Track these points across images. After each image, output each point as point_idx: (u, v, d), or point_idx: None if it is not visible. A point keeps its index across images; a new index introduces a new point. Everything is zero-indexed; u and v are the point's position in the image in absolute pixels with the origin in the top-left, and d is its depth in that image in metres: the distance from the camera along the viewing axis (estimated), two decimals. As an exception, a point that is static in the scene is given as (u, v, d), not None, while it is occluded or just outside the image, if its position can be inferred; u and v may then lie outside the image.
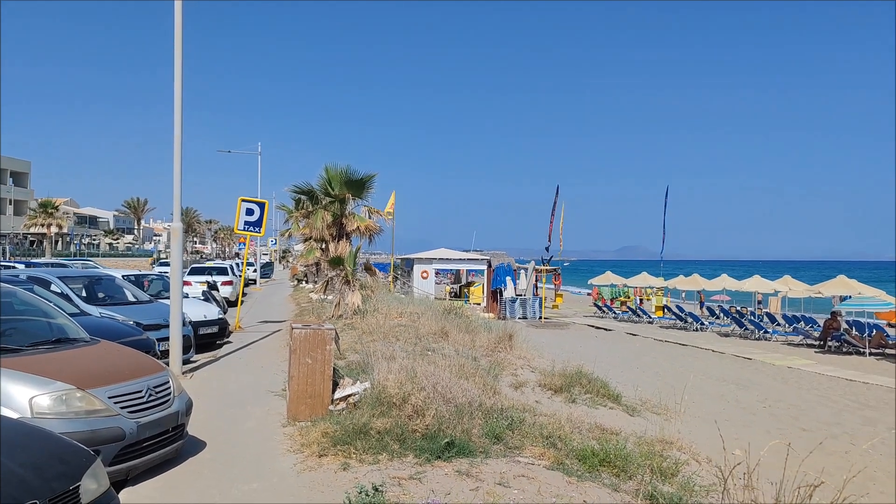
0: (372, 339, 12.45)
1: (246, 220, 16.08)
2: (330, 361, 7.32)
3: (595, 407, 9.87)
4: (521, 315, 31.51)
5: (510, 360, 13.00)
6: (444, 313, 16.62)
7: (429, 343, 12.99)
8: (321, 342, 7.27)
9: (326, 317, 16.60)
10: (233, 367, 10.89)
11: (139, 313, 10.65)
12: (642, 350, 21.49)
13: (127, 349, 6.11)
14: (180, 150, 9.97)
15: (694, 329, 28.28)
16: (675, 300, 40.64)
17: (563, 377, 10.66)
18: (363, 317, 15.27)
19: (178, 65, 9.95)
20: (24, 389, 4.79)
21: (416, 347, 12.28)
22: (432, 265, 38.84)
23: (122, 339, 7.91)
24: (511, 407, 7.76)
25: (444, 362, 9.98)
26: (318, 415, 7.13)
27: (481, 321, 17.44)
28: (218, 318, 13.33)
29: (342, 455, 5.84)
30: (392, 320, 15.07)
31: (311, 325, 7.56)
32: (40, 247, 64.45)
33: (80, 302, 10.23)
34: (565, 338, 23.68)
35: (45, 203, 58.66)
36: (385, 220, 21.98)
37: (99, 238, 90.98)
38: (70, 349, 5.63)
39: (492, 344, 13.88)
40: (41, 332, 5.97)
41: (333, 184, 20.85)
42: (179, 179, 9.97)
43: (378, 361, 8.20)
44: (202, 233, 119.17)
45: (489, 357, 12.82)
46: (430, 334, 13.59)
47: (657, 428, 9.54)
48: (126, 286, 11.96)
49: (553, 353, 15.56)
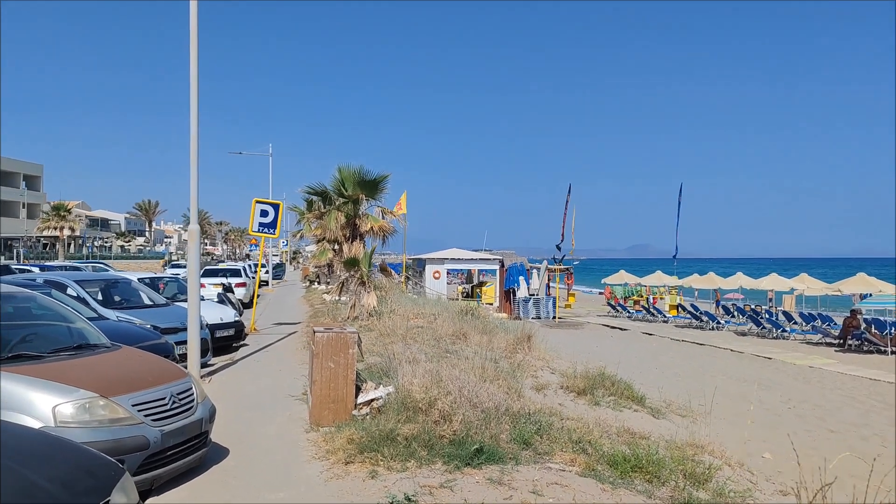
0: (390, 341, 12.31)
1: (260, 221, 15.98)
2: (353, 365, 7.18)
3: (619, 409, 9.69)
4: (535, 315, 31.30)
5: (530, 361, 12.82)
6: (460, 314, 16.47)
7: (447, 345, 12.85)
8: (344, 346, 7.13)
9: (342, 318, 16.48)
10: (251, 371, 10.78)
11: (156, 316, 10.55)
12: (659, 350, 21.26)
13: (148, 355, 5.99)
14: (197, 153, 9.86)
15: (710, 328, 28.01)
16: (688, 299, 40.34)
17: (585, 379, 10.48)
18: (379, 318, 15.13)
19: (193, 66, 9.85)
20: (46, 398, 4.67)
21: (434, 349, 12.15)
22: (444, 265, 38.69)
23: (140, 344, 7.80)
24: (538, 411, 7.59)
25: (466, 365, 9.84)
26: (341, 420, 6.99)
27: (497, 322, 17.29)
28: (234, 321, 13.23)
29: (369, 462, 5.69)
30: (409, 321, 14.93)
31: (334, 329, 7.42)
32: (53, 249, 64.77)
33: (97, 306, 10.15)
34: (581, 338, 23.48)
35: (57, 206, 58.91)
36: (399, 221, 21.80)
37: (111, 240, 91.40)
38: (92, 355, 5.51)
39: (510, 345, 13.72)
40: (62, 338, 5.86)
41: (347, 184, 20.72)
42: (196, 182, 9.87)
43: (401, 365, 8.05)
44: (213, 234, 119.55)
45: (509, 359, 12.67)
46: (448, 336, 13.44)
47: (684, 431, 9.35)
48: (142, 289, 11.88)
49: (571, 354, 15.38)
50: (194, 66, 9.86)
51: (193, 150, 9.79)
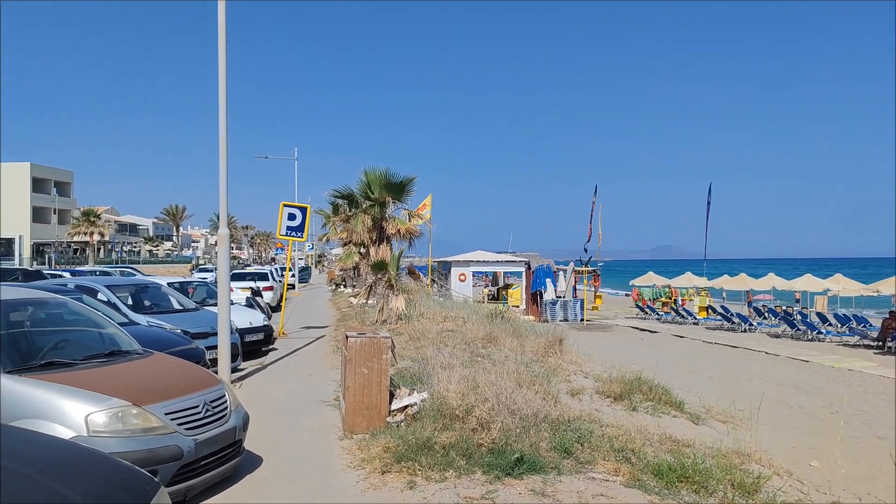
0: (421, 345, 12.15)
1: (288, 224, 15.92)
2: (387, 371, 7.01)
3: (657, 415, 9.42)
4: (563, 317, 30.97)
5: (562, 365, 12.59)
6: (489, 318, 16.26)
7: (478, 348, 12.66)
8: (377, 351, 6.97)
9: (370, 322, 16.37)
10: (281, 376, 10.67)
11: (186, 321, 10.50)
12: (692, 353, 20.85)
13: (181, 361, 5.88)
14: (226, 157, 9.78)
15: (742, 330, 27.46)
16: (716, 300, 39.69)
17: (621, 384, 10.22)
18: (408, 322, 14.98)
19: (222, 69, 9.78)
20: (79, 406, 4.56)
21: (465, 353, 11.96)
22: (470, 268, 38.49)
23: (171, 349, 7.72)
24: (577, 418, 7.36)
25: (498, 369, 9.64)
26: (375, 427, 6.83)
27: (526, 325, 17.05)
28: (263, 325, 13.16)
29: (407, 472, 5.52)
30: (438, 325, 14.76)
31: (367, 334, 7.26)
32: (84, 255, 65.69)
33: (127, 311, 10.11)
34: (611, 341, 23.12)
35: (87, 212, 59.73)
36: (426, 223, 21.65)
37: (139, 245, 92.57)
38: (124, 362, 5.40)
39: (542, 349, 13.48)
40: (94, 345, 5.77)
41: (373, 187, 20.59)
42: (225, 186, 9.79)
43: (434, 370, 7.88)
44: (239, 238, 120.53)
45: (541, 363, 12.44)
46: (479, 339, 13.25)
47: (727, 438, 9.06)
48: (171, 294, 11.85)
49: (602, 358, 15.11)
50: (223, 68, 9.79)
51: (222, 154, 9.71)
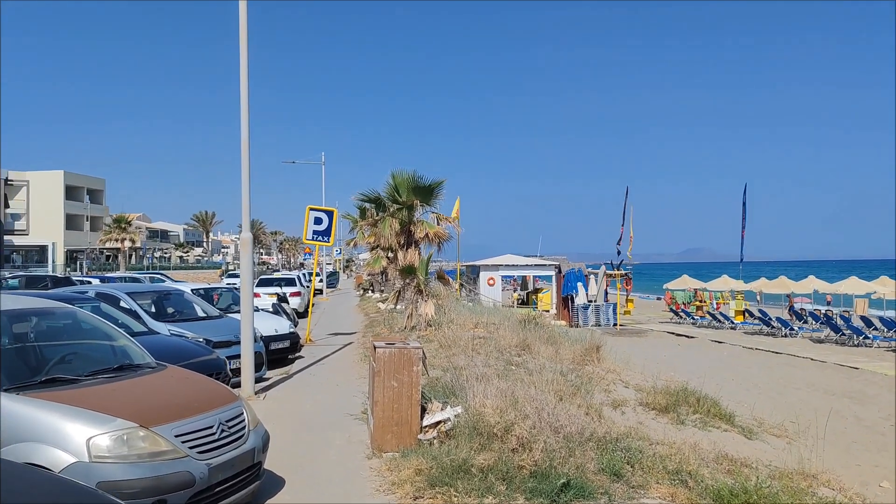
0: (452, 353, 11.64)
1: (314, 229, 15.54)
2: (418, 384, 6.51)
3: (707, 429, 8.79)
4: (595, 322, 30.23)
5: (599, 373, 11.98)
6: (521, 324, 15.69)
7: (511, 356, 12.12)
8: (407, 363, 6.47)
9: (399, 328, 15.91)
10: (307, 386, 10.24)
11: (209, 329, 10.12)
12: (733, 359, 20.04)
13: (196, 376, 5.43)
14: (248, 160, 9.40)
15: (782, 335, 26.45)
16: (752, 304, 38.61)
17: (666, 395, 9.59)
18: (438, 328, 14.49)
19: (243, 69, 9.40)
20: (81, 428, 4.12)
21: (499, 362, 11.43)
22: (499, 272, 37.94)
23: (191, 360, 7.31)
24: (625, 435, 6.78)
25: (536, 380, 9.09)
26: (406, 445, 6.33)
27: (560, 331, 16.45)
28: (289, 332, 12.75)
29: (442, 498, 5.00)
30: (469, 331, 14.24)
31: (396, 344, 6.77)
32: (115, 261, 66.39)
33: (148, 319, 9.76)
34: (646, 346, 22.39)
35: (118, 219, 60.30)
36: (454, 227, 21.14)
37: (170, 251, 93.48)
38: (133, 377, 4.97)
39: (578, 356, 12.90)
40: (102, 358, 5.36)
41: (401, 190, 20.18)
42: (248, 190, 9.40)
43: (469, 382, 7.36)
44: (268, 244, 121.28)
45: (577, 371, 11.86)
46: (512, 347, 12.71)
47: (785, 454, 8.40)
48: (195, 301, 11.50)
49: (640, 365, 14.46)
50: (244, 68, 9.41)
51: (245, 157, 9.33)
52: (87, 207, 70.97)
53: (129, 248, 66.68)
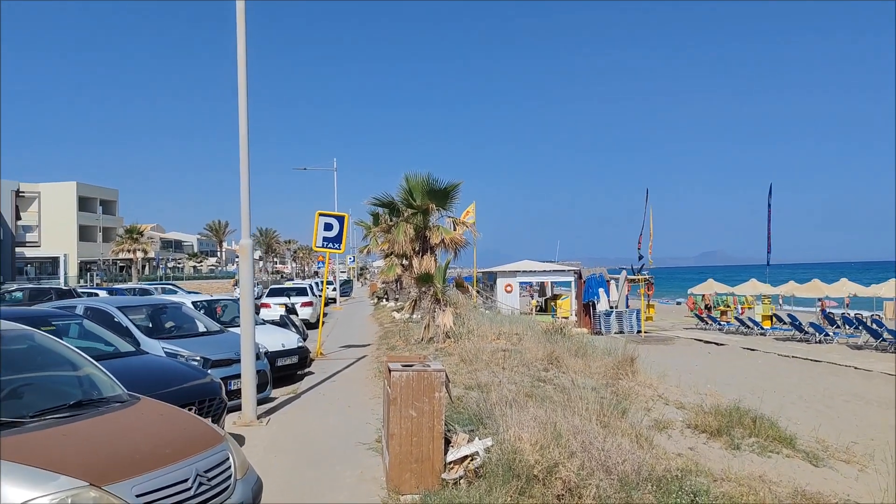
0: (474, 368, 10.67)
1: (324, 235, 14.63)
2: (441, 413, 5.54)
3: (766, 455, 7.75)
4: (618, 329, 29.16)
5: (635, 388, 10.97)
6: (546, 334, 14.69)
7: (538, 371, 11.12)
8: (428, 388, 5.51)
9: (415, 340, 14.96)
10: (316, 408, 9.29)
11: (208, 346, 9.21)
12: (769, 368, 18.89)
13: (173, 411, 4.49)
14: (247, 160, 8.51)
15: (816, 341, 25.22)
16: (779, 308, 37.30)
17: (717, 415, 8.56)
18: (457, 340, 13.52)
19: (241, 63, 8.51)
20: (14, 491, 3.19)
21: (525, 377, 10.45)
22: (516, 278, 36.93)
23: (179, 386, 6.40)
24: (685, 469, 5.76)
25: (568, 400, 8.10)
26: (428, 486, 5.36)
27: (586, 341, 15.41)
28: (298, 347, 11.82)
29: (474, 563, 4.03)
30: (490, 343, 13.26)
31: (414, 365, 5.81)
32: (129, 272, 65.95)
33: (140, 335, 8.87)
34: (675, 355, 21.26)
35: (130, 229, 59.89)
36: (472, 232, 20.18)
37: (183, 261, 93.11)
38: (94, 416, 4.04)
39: (611, 370, 11.89)
40: (61, 391, 4.45)
41: (415, 194, 19.24)
42: (247, 192, 8.50)
43: (498, 407, 6.38)
44: (282, 253, 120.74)
45: (611, 386, 10.86)
46: (538, 360, 11.71)
47: (859, 484, 7.35)
48: (194, 315, 10.59)
49: (673, 376, 13.41)
50: (242, 58, 8.53)
51: (243, 156, 8.43)
52: (99, 218, 70.71)
53: (142, 259, 66.30)
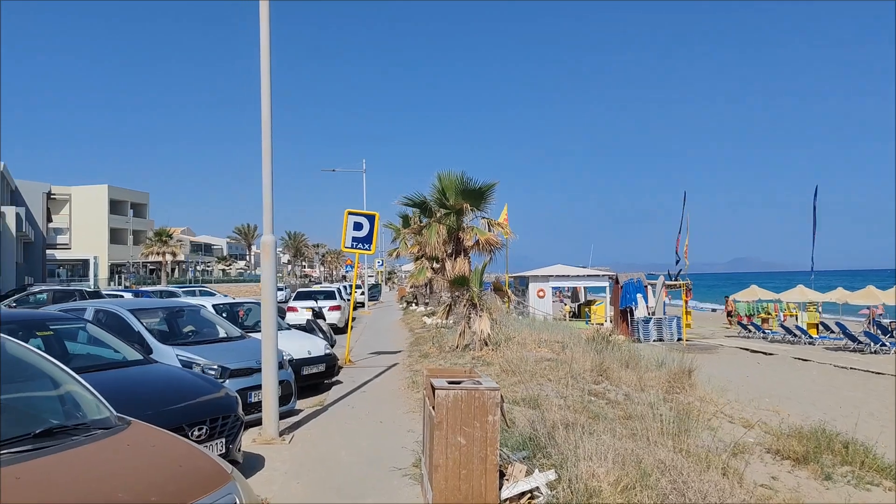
0: (518, 380, 9.71)
1: (354, 235, 13.78)
2: (495, 441, 4.61)
3: (864, 487, 6.69)
4: (657, 337, 27.91)
5: (695, 405, 9.91)
6: (591, 342, 13.65)
7: (588, 383, 10.12)
8: (480, 410, 4.58)
9: (449, 347, 14.03)
10: (344, 422, 8.39)
11: (227, 353, 8.37)
12: (827, 380, 17.60)
13: (168, 441, 3.60)
14: (270, 150, 7.68)
15: (872, 351, 23.75)
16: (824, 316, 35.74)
17: (800, 439, 7.49)
18: (496, 348, 12.56)
19: (264, 45, 7.69)
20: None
21: (574, 390, 9.45)
22: (549, 283, 35.89)
23: (189, 402, 5.55)
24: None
25: (614, 412, 7.12)
26: (480, 530, 4.42)
27: (633, 350, 14.34)
28: (325, 354, 10.96)
29: None
30: (531, 351, 12.29)
31: (462, 382, 4.88)
32: (158, 275, 66.02)
33: (153, 341, 8.06)
34: (722, 365, 20.02)
35: (159, 232, 59.75)
36: (505, 234, 19.22)
37: (212, 265, 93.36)
38: (63, 450, 3.16)
39: (664, 382, 10.85)
40: (31, 414, 3.60)
41: (448, 193, 18.36)
42: (270, 184, 7.67)
43: (559, 430, 5.41)
44: (310, 257, 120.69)
45: (668, 401, 9.82)
46: (586, 371, 10.71)
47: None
48: (213, 318, 9.76)
49: (726, 387, 12.31)
50: (265, 39, 7.70)
51: (266, 147, 7.60)
52: (129, 221, 71.02)
53: (171, 262, 66.28)
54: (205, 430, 5.35)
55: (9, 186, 45.42)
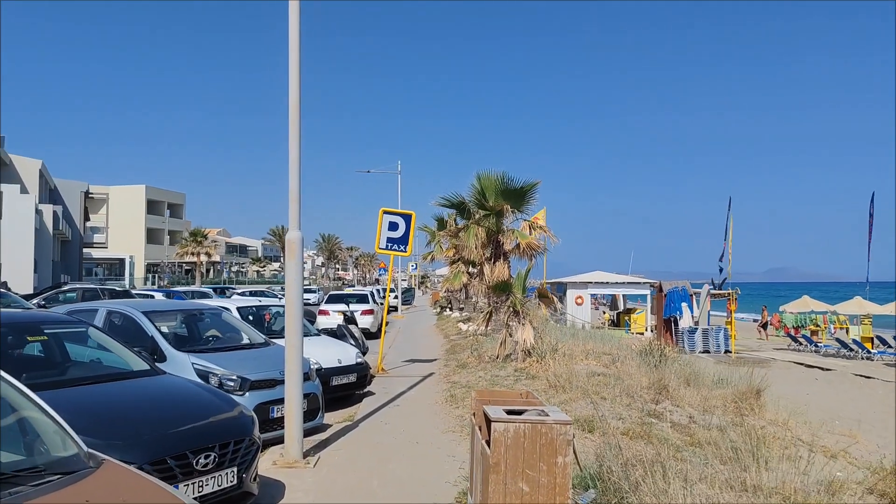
0: (569, 398, 8.73)
1: (389, 235, 12.93)
2: (565, 489, 3.67)
3: None
4: (703, 349, 26.59)
5: (768, 429, 8.81)
6: (643, 355, 12.58)
7: (646, 402, 9.10)
8: (548, 449, 3.65)
9: (489, 357, 13.08)
10: (376, 442, 7.51)
11: (248, 362, 7.55)
12: None
13: (144, 490, 2.74)
14: (297, 135, 6.87)
15: (940, 368, 22.16)
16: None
17: (908, 477, 6.39)
18: (540, 359, 11.57)
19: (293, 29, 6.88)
20: None
21: (631, 411, 8.46)
22: (587, 290, 34.70)
23: (194, 424, 4.72)
24: None
25: (678, 437, 6.14)
26: None
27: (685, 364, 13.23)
28: (356, 363, 10.11)
29: None
30: (580, 364, 11.28)
31: (526, 411, 3.96)
32: (193, 275, 66.24)
33: (167, 346, 7.29)
34: (778, 381, 18.54)
35: (194, 232, 59.88)
36: (550, 237, 18.25)
37: (247, 266, 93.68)
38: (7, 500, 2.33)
39: (729, 403, 9.78)
40: None
41: (488, 194, 17.49)
42: (297, 175, 6.86)
43: (639, 469, 4.45)
44: (344, 259, 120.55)
45: (737, 425, 8.76)
46: (643, 388, 9.67)
47: None
48: (237, 323, 8.95)
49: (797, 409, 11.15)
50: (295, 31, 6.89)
51: (294, 126, 6.79)
52: (166, 221, 71.50)
53: (206, 263, 66.45)
54: (213, 458, 4.51)
55: (47, 185, 45.70)
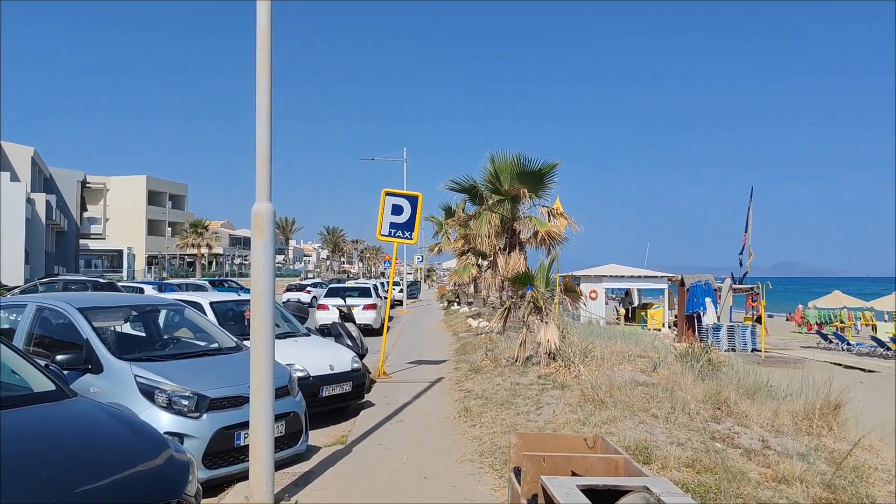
0: (610, 415, 7.07)
1: (392, 220, 11.29)
2: None
3: None
4: (729, 347, 24.86)
5: (855, 454, 7.16)
6: (683, 359, 10.90)
7: (704, 420, 7.44)
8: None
9: (506, 359, 11.43)
10: (373, 476, 5.87)
11: (210, 373, 5.92)
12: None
13: None
14: (269, 85, 5.18)
15: None
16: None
17: None
18: (568, 364, 9.91)
19: None
20: None
21: (691, 433, 6.81)
22: (602, 283, 33.04)
23: (104, 480, 3.09)
24: None
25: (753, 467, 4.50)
26: None
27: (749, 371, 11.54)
28: (352, 370, 8.46)
29: None
30: (616, 370, 9.61)
31: (602, 484, 2.31)
32: (195, 267, 64.79)
33: (104, 352, 5.66)
34: (819, 383, 17.02)
35: (195, 224, 58.31)
36: (571, 224, 16.59)
37: (250, 258, 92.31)
38: None
39: (801, 419, 8.12)
40: None
41: (502, 177, 15.86)
42: (268, 131, 5.20)
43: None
44: (349, 252, 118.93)
45: (818, 449, 7.13)
46: (697, 402, 8.01)
47: None
48: (202, 322, 7.27)
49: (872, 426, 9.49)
50: None
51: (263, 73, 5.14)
52: (166, 213, 70.07)
53: (208, 255, 64.99)
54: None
55: (41, 173, 44.19)
